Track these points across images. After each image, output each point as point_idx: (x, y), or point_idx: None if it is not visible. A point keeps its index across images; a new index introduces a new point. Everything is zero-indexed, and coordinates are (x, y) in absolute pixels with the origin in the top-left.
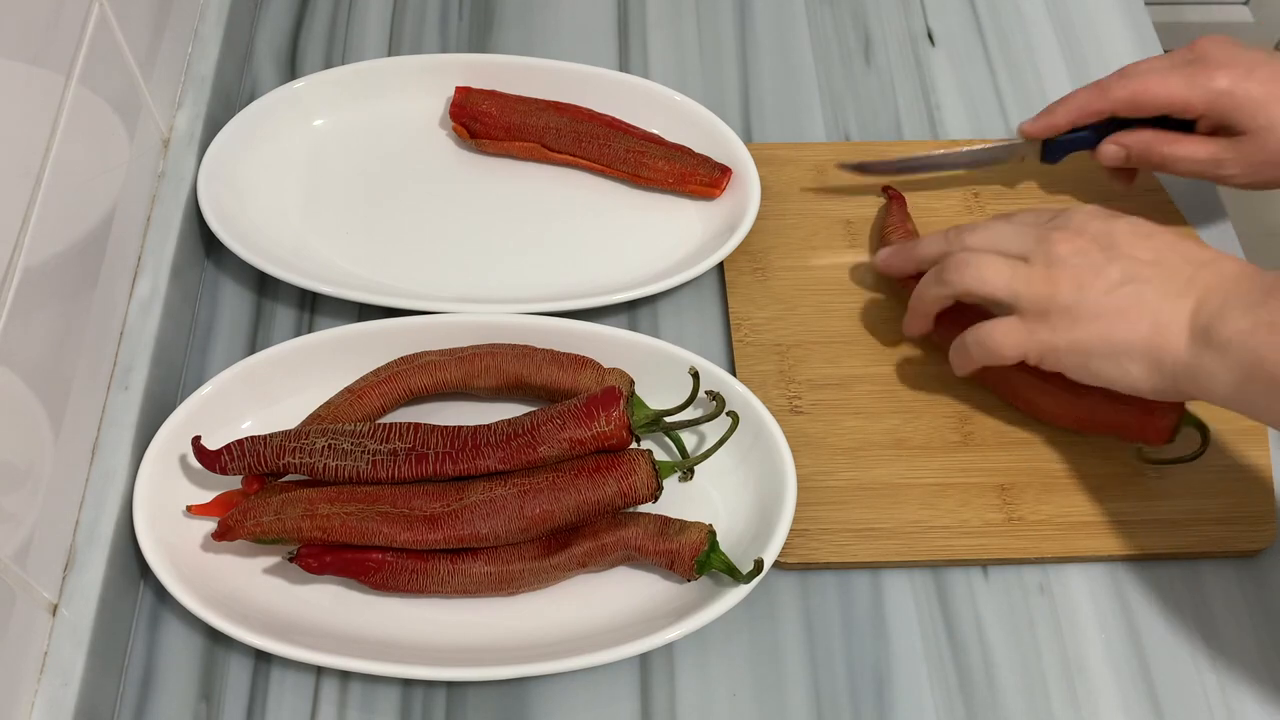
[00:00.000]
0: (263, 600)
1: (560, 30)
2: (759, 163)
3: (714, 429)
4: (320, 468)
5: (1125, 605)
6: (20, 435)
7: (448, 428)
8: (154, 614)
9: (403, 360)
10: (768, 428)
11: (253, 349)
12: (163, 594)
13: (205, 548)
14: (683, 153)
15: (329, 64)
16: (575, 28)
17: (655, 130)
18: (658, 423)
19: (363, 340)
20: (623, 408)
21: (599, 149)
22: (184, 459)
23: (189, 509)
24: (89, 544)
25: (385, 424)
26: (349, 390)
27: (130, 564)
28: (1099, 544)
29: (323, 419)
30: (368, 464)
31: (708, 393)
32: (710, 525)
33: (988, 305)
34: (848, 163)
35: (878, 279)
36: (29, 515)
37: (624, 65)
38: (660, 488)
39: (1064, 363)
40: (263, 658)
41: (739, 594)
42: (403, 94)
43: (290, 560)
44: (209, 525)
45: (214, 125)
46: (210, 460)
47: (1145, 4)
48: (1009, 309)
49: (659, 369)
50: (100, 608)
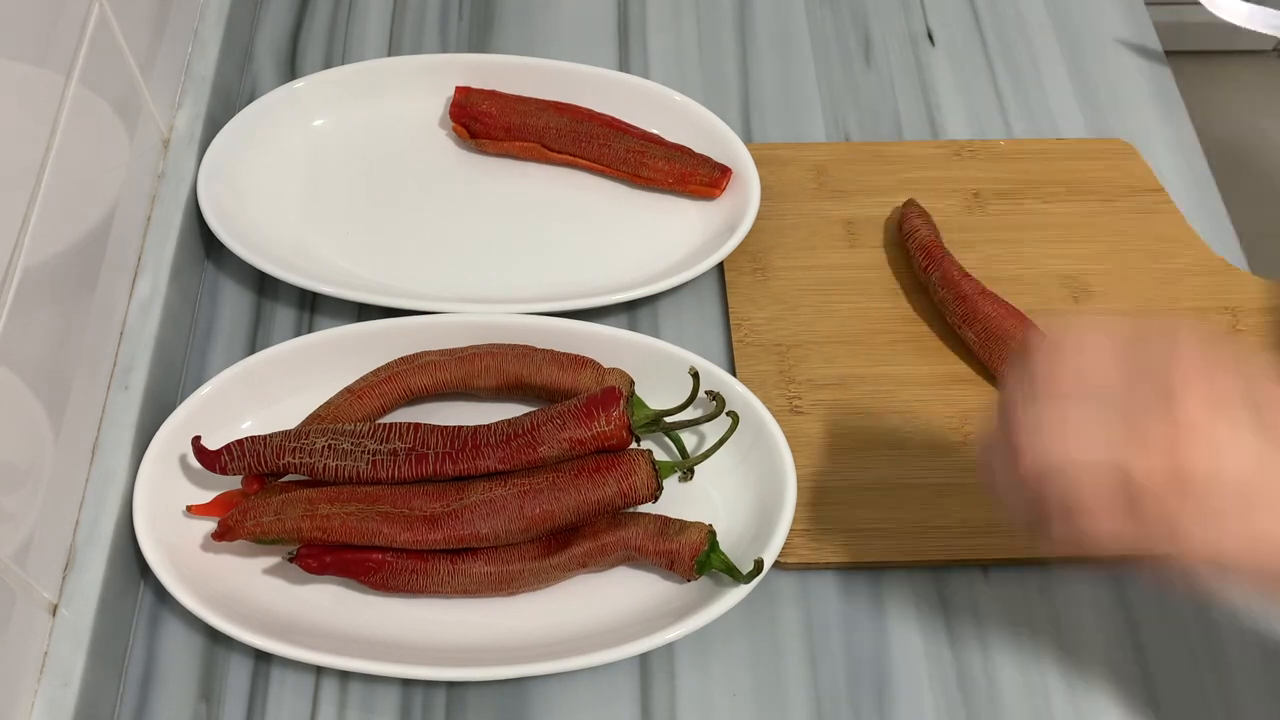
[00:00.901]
0: (263, 600)
1: (560, 30)
2: (759, 163)
3: (714, 429)
4: (320, 468)
5: (1125, 605)
6: (20, 435)
7: (448, 428)
8: (154, 614)
9: (403, 360)
10: (768, 428)
11: (253, 349)
12: (163, 594)
13: (205, 548)
14: (683, 153)
15: (329, 64)
16: (575, 28)
17: (655, 130)
18: (658, 423)
19: (363, 340)
20: (623, 408)
21: (599, 149)
22: (184, 459)
23: (189, 509)
24: (89, 544)
25: (385, 424)
26: (349, 390)
27: (130, 564)
28: None
29: (323, 419)
30: (368, 464)
31: (708, 393)
32: (710, 525)
33: None
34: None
35: (877, 279)
36: (29, 515)
37: (624, 65)
38: (660, 488)
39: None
40: (263, 658)
41: (739, 594)
42: (403, 94)
43: (290, 560)
44: (209, 525)
45: (214, 125)
46: (210, 460)
47: (1145, 4)
48: None
49: (659, 369)
50: (100, 608)
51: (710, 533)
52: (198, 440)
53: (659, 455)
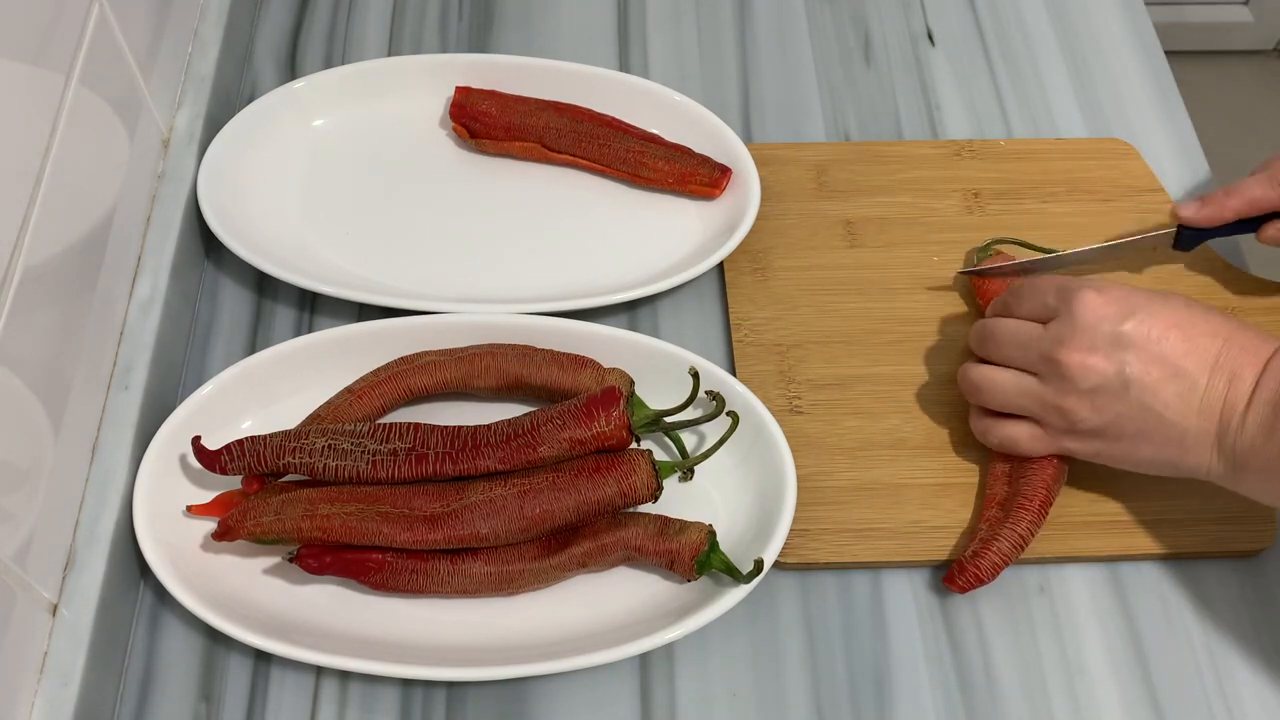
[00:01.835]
0: (263, 600)
1: (560, 30)
2: (759, 163)
3: (714, 429)
4: (320, 468)
5: (1125, 605)
6: (20, 435)
7: (448, 428)
8: (154, 614)
9: (403, 360)
10: (768, 428)
11: (253, 349)
12: (163, 594)
13: (205, 548)
14: (683, 153)
15: (329, 64)
16: (575, 28)
17: (655, 130)
18: (658, 423)
19: (363, 340)
20: (623, 408)
21: (599, 149)
22: (184, 459)
23: (189, 509)
24: (89, 544)
25: (385, 424)
26: (349, 390)
27: (130, 564)
28: (1099, 544)
29: (323, 419)
30: (368, 464)
31: (708, 393)
32: (710, 525)
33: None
34: (967, 269)
35: (877, 279)
36: (29, 515)
37: (624, 65)
38: (660, 488)
39: (1095, 463)
40: (263, 658)
41: (739, 594)
42: (403, 94)
43: (290, 560)
44: (209, 525)
45: (214, 125)
46: (210, 460)
47: (1145, 4)
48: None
49: (659, 369)
50: (100, 608)
51: (710, 533)
52: (198, 440)
53: (659, 455)
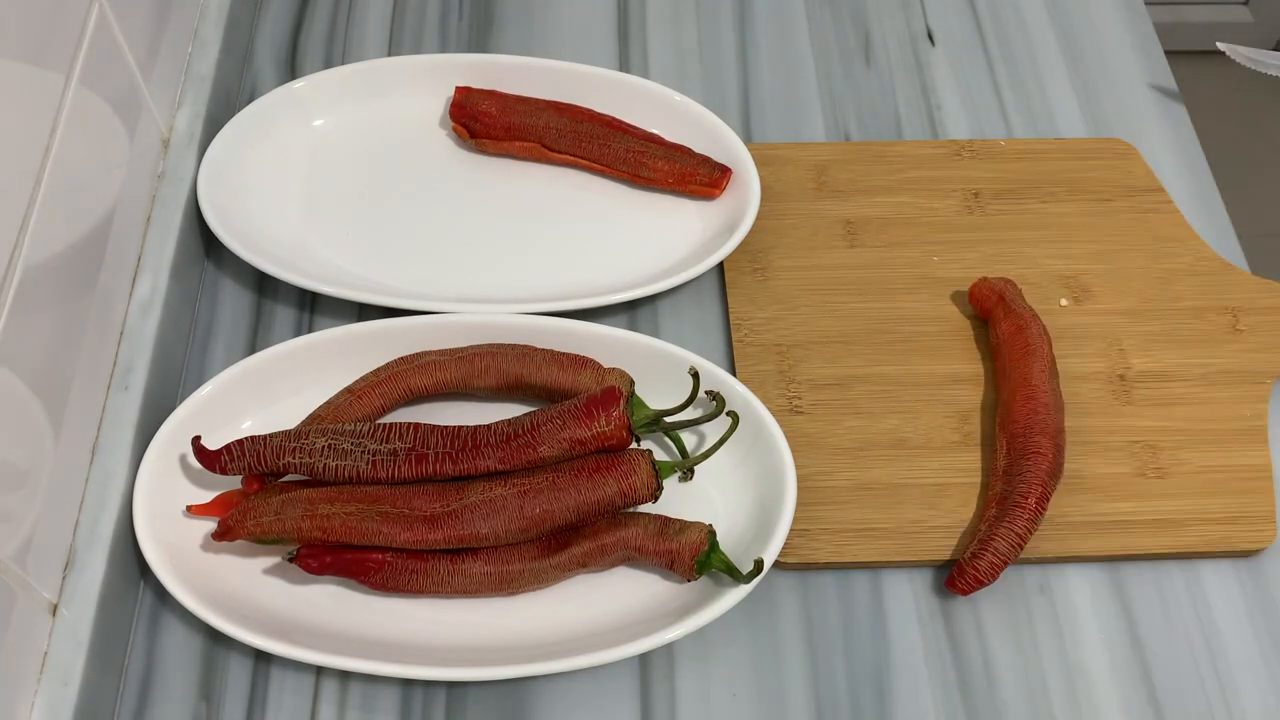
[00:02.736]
0: (263, 600)
1: (560, 30)
2: (759, 162)
3: (714, 429)
4: (320, 468)
5: (1125, 605)
6: (20, 435)
7: (448, 428)
8: (154, 614)
9: (403, 360)
10: (768, 428)
11: (253, 349)
12: (163, 594)
13: (205, 548)
14: (683, 153)
15: (329, 64)
16: (575, 28)
17: (655, 130)
18: (658, 423)
19: (363, 340)
20: (623, 408)
21: (599, 149)
22: (184, 459)
23: (189, 509)
24: (89, 544)
25: (385, 424)
26: (349, 390)
27: (130, 564)
28: (1099, 544)
29: (323, 419)
30: (368, 464)
31: (708, 393)
32: (710, 525)
33: None
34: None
35: (877, 279)
36: (29, 515)
37: (624, 65)
38: (660, 488)
39: (1094, 463)
40: (263, 658)
41: (739, 594)
42: (403, 94)
43: (290, 560)
44: (209, 525)
45: (214, 125)
46: (210, 460)
47: (1145, 4)
48: None
49: (659, 369)
50: (100, 608)
51: (710, 533)
52: (197, 440)
53: (659, 455)
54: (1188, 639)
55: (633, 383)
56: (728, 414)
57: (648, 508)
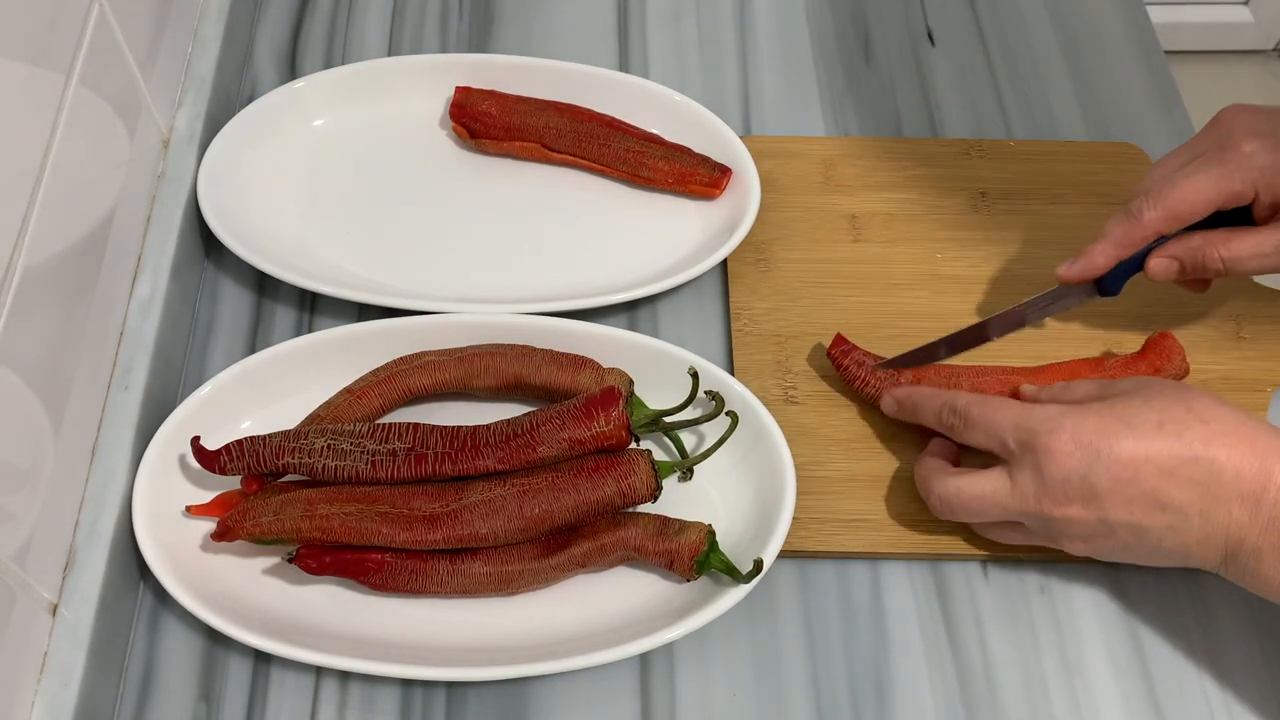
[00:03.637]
0: (263, 600)
1: (560, 30)
2: (765, 155)
3: (714, 429)
4: (319, 468)
5: (1125, 605)
6: (20, 435)
7: (447, 428)
8: (154, 614)
9: (402, 360)
10: (767, 428)
11: (253, 349)
12: (163, 594)
13: (205, 548)
14: (683, 153)
15: (329, 64)
16: (575, 28)
17: (655, 130)
18: (657, 423)
19: (363, 340)
20: (622, 408)
21: (599, 149)
22: (184, 459)
23: (188, 509)
24: (89, 544)
25: (384, 424)
26: (348, 390)
27: (130, 564)
28: None
29: (322, 419)
30: (367, 464)
31: (707, 392)
32: (709, 525)
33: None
34: (885, 361)
35: (879, 274)
36: (29, 515)
37: (624, 65)
38: (660, 488)
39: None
40: (263, 658)
41: (739, 594)
42: (403, 94)
43: (289, 561)
44: (209, 525)
45: (214, 125)
46: (209, 460)
47: (1145, 4)
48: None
49: (659, 369)
50: (100, 608)
51: (710, 533)
52: (197, 440)
53: (659, 455)
54: (1187, 639)
55: (632, 383)
56: (727, 414)
57: (647, 508)
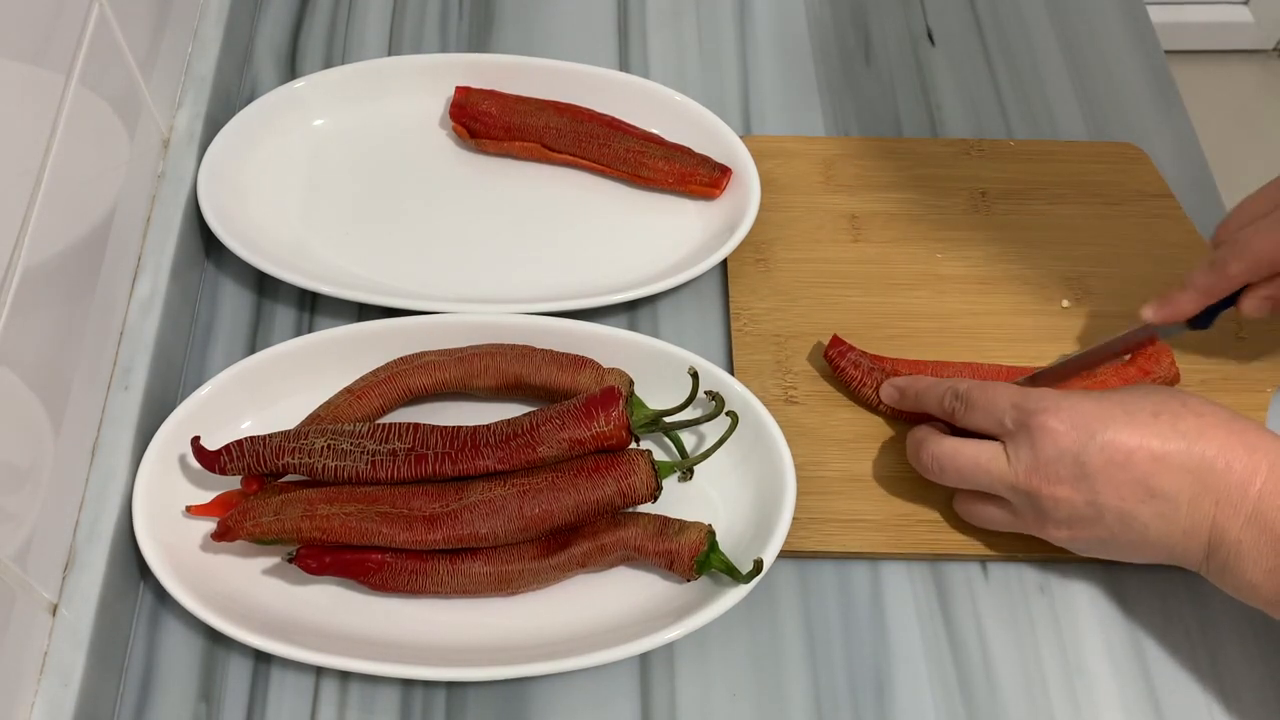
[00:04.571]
0: (263, 600)
1: (560, 30)
2: (765, 155)
3: (714, 429)
4: (320, 468)
5: (1125, 605)
6: (20, 435)
7: (447, 428)
8: (154, 614)
9: (402, 360)
10: (767, 428)
11: (253, 349)
12: (163, 594)
13: (205, 548)
14: (683, 153)
15: (329, 64)
16: (575, 28)
17: (655, 130)
18: (657, 423)
19: (363, 340)
20: (622, 408)
21: (599, 149)
22: (184, 459)
23: (188, 509)
24: (89, 544)
25: (384, 424)
26: (348, 390)
27: (130, 564)
28: None
29: (322, 419)
30: (367, 464)
31: (707, 393)
32: (709, 525)
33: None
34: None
35: (879, 274)
36: (29, 515)
37: (624, 65)
38: (660, 488)
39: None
40: (263, 658)
41: (739, 594)
42: (403, 94)
43: (289, 561)
44: (209, 525)
45: (214, 125)
46: (209, 461)
47: (1145, 4)
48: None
49: (659, 369)
50: (100, 608)
51: (710, 533)
52: (197, 440)
53: (659, 455)
54: (1188, 639)
55: (632, 383)
56: (727, 414)
57: (647, 508)
